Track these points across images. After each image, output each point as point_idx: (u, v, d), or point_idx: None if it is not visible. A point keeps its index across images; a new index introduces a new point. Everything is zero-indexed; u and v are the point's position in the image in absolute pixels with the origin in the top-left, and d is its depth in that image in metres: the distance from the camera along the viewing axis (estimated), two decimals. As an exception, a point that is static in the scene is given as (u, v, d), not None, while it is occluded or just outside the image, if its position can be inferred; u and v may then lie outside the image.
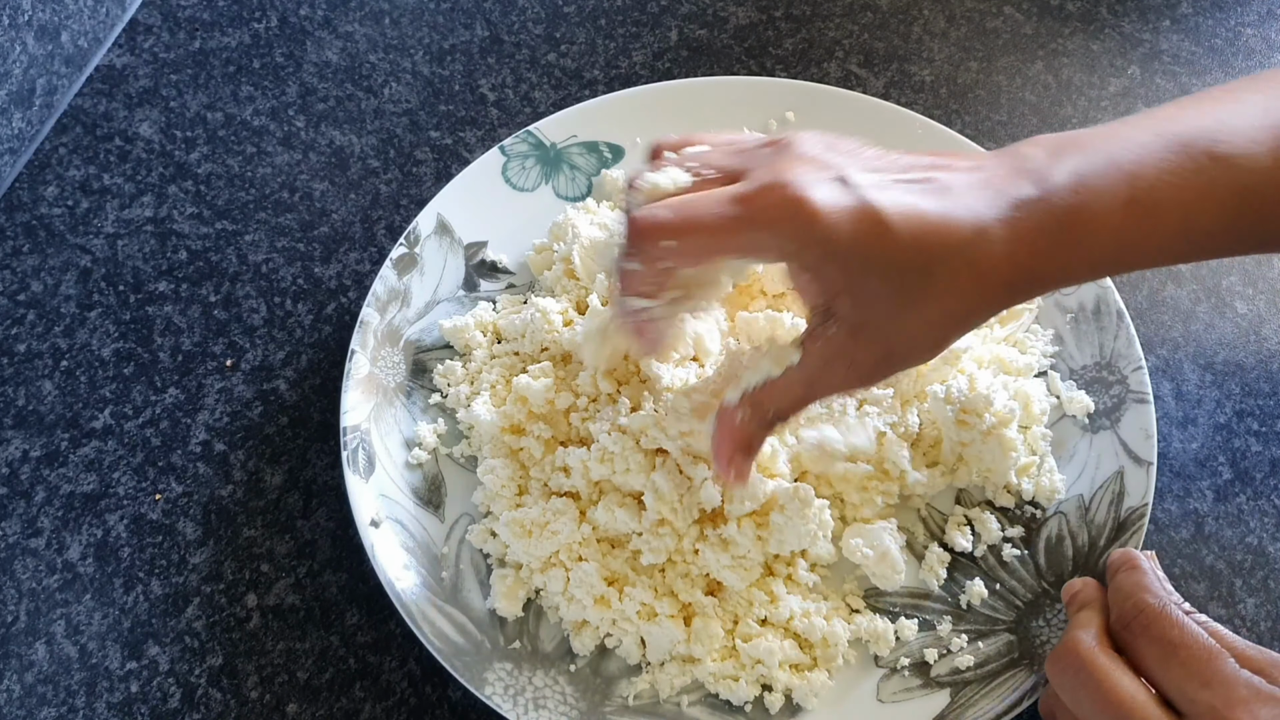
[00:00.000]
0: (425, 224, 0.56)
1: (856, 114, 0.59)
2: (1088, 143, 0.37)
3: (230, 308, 0.58)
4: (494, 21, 0.69)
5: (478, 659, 0.45)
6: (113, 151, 0.64)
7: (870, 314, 0.36)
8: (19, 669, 0.48)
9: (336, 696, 0.47)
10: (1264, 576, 0.50)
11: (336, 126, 0.65)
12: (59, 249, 0.60)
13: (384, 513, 0.48)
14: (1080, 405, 0.51)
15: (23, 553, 0.51)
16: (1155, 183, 0.36)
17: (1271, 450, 0.53)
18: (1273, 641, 0.48)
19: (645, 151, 0.43)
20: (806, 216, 0.35)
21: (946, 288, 0.35)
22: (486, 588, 0.48)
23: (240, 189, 0.62)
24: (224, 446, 0.54)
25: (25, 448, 0.54)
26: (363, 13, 0.70)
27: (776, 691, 0.44)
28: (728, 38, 0.68)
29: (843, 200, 0.35)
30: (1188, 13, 0.69)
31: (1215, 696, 0.35)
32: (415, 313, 0.55)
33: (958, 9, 0.70)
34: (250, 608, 0.49)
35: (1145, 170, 0.36)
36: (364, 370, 0.52)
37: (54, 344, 0.57)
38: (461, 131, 0.65)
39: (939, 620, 0.47)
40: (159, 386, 0.56)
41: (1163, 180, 0.36)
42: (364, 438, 0.50)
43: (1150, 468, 0.48)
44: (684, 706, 0.45)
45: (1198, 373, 0.55)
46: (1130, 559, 0.41)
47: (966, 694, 0.44)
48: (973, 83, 0.66)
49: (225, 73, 0.67)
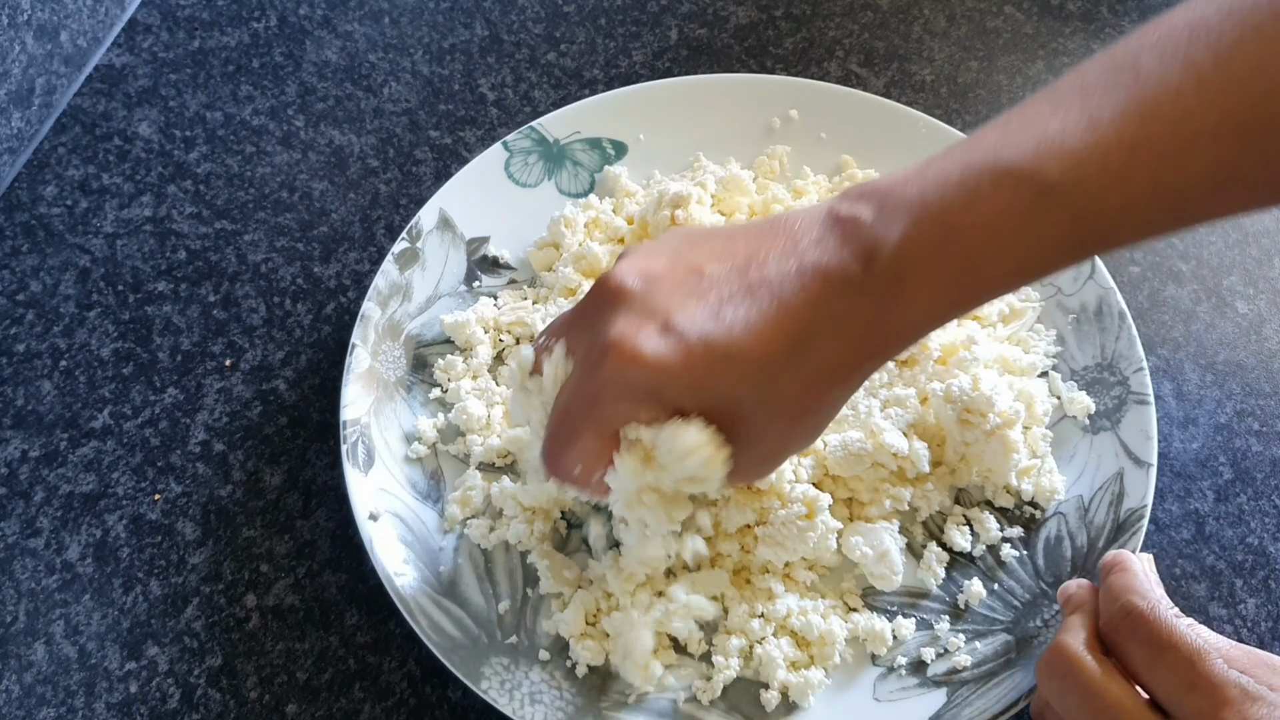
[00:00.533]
0: (427, 219, 0.56)
1: (859, 112, 0.59)
2: (904, 192, 0.35)
3: (229, 307, 0.58)
4: (494, 21, 0.69)
5: (474, 654, 0.45)
6: (112, 151, 0.64)
7: (739, 429, 0.37)
8: (18, 669, 0.48)
9: (336, 697, 0.47)
10: (1265, 577, 0.50)
11: (336, 126, 0.65)
12: (58, 249, 0.60)
13: (383, 507, 0.48)
14: (1081, 406, 0.51)
15: (22, 553, 0.51)
16: (980, 226, 0.34)
17: (1272, 450, 0.53)
18: (1273, 642, 0.48)
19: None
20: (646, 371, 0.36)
21: (790, 393, 0.36)
22: (484, 583, 0.48)
23: (239, 188, 0.62)
24: (223, 446, 0.54)
25: (24, 448, 0.54)
26: (362, 12, 0.70)
27: (773, 689, 0.44)
28: (728, 37, 0.68)
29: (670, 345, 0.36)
30: (1189, 11, 0.69)
31: (1203, 698, 0.35)
32: (416, 307, 0.55)
33: (958, 8, 0.69)
34: (249, 608, 0.49)
35: (967, 217, 0.34)
36: (365, 364, 0.52)
37: (53, 344, 0.57)
38: (461, 131, 0.65)
39: (937, 620, 0.47)
40: (158, 386, 0.56)
41: (988, 222, 0.34)
42: (364, 432, 0.50)
43: (1150, 469, 0.48)
44: (680, 703, 0.45)
45: (1198, 372, 0.55)
46: (1121, 560, 0.41)
47: (963, 694, 0.44)
48: (973, 82, 0.66)
49: (224, 72, 0.67)
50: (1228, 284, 0.58)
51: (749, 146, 0.60)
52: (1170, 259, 0.59)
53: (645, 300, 0.37)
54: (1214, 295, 0.58)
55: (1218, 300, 0.57)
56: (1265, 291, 0.58)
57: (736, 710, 0.45)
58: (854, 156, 0.59)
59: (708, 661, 0.46)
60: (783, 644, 0.45)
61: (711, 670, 0.45)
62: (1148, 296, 0.57)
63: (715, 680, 0.45)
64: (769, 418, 0.37)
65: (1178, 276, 0.58)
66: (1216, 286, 0.58)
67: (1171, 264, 0.59)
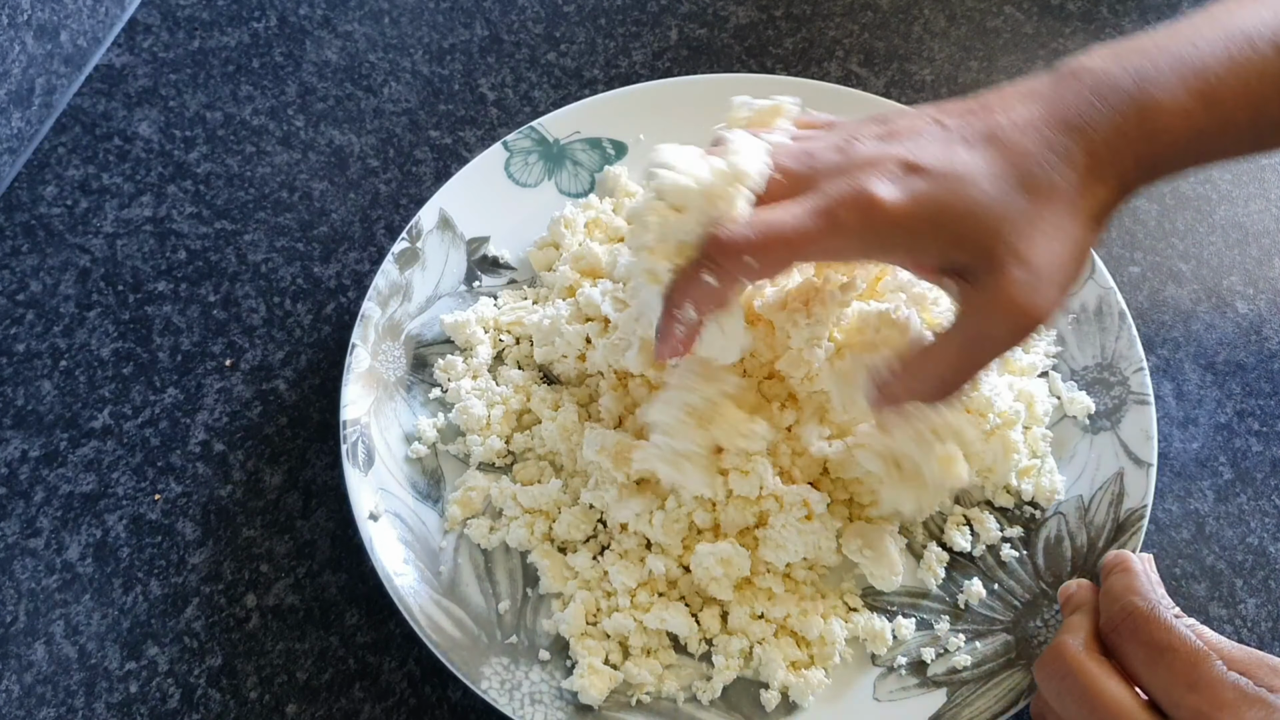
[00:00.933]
0: (427, 219, 0.56)
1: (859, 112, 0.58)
2: (1150, 46, 0.39)
3: (229, 307, 0.58)
4: (494, 21, 0.69)
5: (474, 654, 0.45)
6: (112, 151, 0.64)
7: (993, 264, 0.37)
8: (18, 669, 0.48)
9: (336, 697, 0.47)
10: (1265, 577, 0.50)
11: (336, 126, 0.65)
12: (58, 249, 0.60)
13: (383, 507, 0.48)
14: (1081, 406, 0.51)
15: (22, 553, 0.51)
16: (1224, 76, 0.38)
17: (1272, 450, 0.53)
18: (1273, 643, 0.48)
19: (711, 136, 0.44)
20: (882, 216, 0.37)
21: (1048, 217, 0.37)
22: (484, 583, 0.48)
23: (239, 188, 0.62)
24: (223, 446, 0.54)
25: (24, 448, 0.54)
26: (362, 12, 0.70)
27: (773, 689, 0.44)
28: (728, 37, 0.68)
29: (909, 190, 0.37)
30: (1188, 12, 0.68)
31: (1202, 699, 0.35)
32: (416, 307, 0.55)
33: (958, 8, 0.69)
34: (249, 608, 0.49)
35: (1212, 66, 0.38)
36: (365, 364, 0.52)
37: (53, 344, 0.57)
38: (461, 131, 0.65)
39: (937, 620, 0.47)
40: (158, 386, 0.56)
41: (1231, 74, 0.38)
42: (364, 432, 0.50)
43: (1150, 469, 0.48)
44: (680, 703, 0.45)
45: (1198, 373, 0.55)
46: (1122, 561, 0.41)
47: (963, 694, 0.44)
48: (973, 82, 0.66)
49: (224, 72, 0.67)
50: (1228, 284, 0.58)
51: (749, 146, 0.60)
52: (1170, 259, 0.59)
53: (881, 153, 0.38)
54: (1214, 295, 0.58)
55: (1218, 300, 0.57)
56: (1265, 291, 0.58)
57: (736, 710, 0.45)
58: (854, 156, 0.59)
59: (708, 661, 0.46)
60: (783, 644, 0.45)
61: (711, 670, 0.45)
62: (1148, 296, 0.57)
63: (715, 680, 0.45)
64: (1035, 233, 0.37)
65: (1178, 276, 0.58)
66: (1216, 286, 0.58)
67: (1171, 264, 0.59)
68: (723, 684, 0.45)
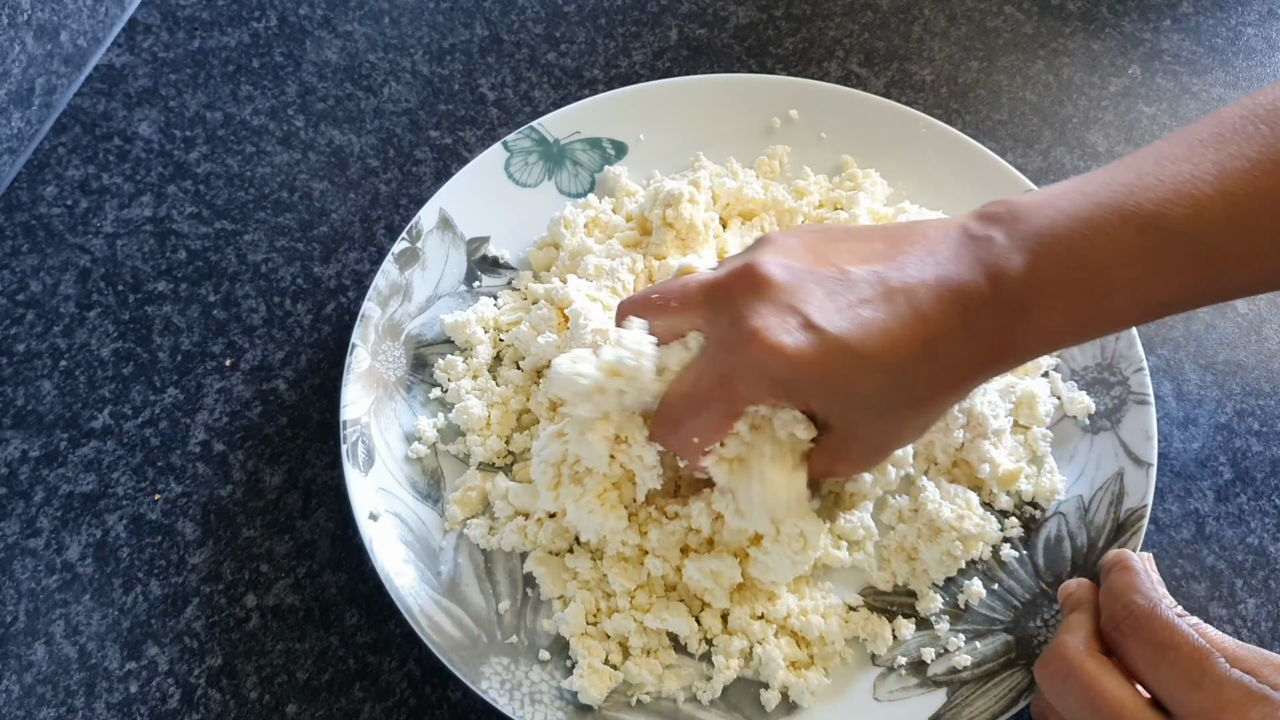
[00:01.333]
0: (427, 219, 0.56)
1: (859, 112, 0.59)
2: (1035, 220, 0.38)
3: (229, 307, 0.58)
4: (494, 21, 0.69)
5: (474, 654, 0.45)
6: (112, 151, 0.64)
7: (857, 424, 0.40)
8: (18, 669, 0.48)
9: (336, 697, 0.47)
10: (1265, 577, 0.50)
11: (336, 126, 0.65)
12: (58, 249, 0.60)
13: (383, 506, 0.48)
14: (1081, 406, 0.51)
15: (22, 553, 0.51)
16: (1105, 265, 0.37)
17: (1272, 450, 0.53)
18: (1273, 642, 0.48)
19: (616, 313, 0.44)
20: (785, 363, 0.38)
21: (914, 393, 0.39)
22: (484, 583, 0.48)
23: (239, 188, 0.62)
24: (223, 446, 0.54)
25: (24, 448, 0.54)
26: (362, 12, 0.70)
27: (773, 689, 0.44)
28: (728, 37, 0.68)
29: (810, 341, 0.38)
30: (1189, 12, 0.69)
31: (1205, 697, 0.34)
32: (416, 307, 0.55)
33: (958, 8, 0.69)
34: (249, 608, 0.49)
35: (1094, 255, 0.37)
36: (365, 364, 0.52)
37: (53, 344, 0.57)
38: (461, 131, 0.65)
39: (937, 620, 0.47)
40: (158, 386, 0.56)
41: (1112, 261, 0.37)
42: (364, 431, 0.50)
43: (1150, 469, 0.48)
44: (680, 703, 0.45)
45: (1199, 372, 0.55)
46: (1123, 559, 0.41)
47: (963, 694, 0.44)
48: (973, 82, 0.66)
49: (224, 72, 0.67)
50: (1228, 284, 0.58)
51: (749, 146, 0.60)
52: (1170, 259, 0.59)
53: (790, 294, 0.39)
54: (1214, 295, 0.58)
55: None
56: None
57: (736, 710, 0.45)
58: (854, 156, 0.59)
59: (708, 661, 0.46)
60: (783, 644, 0.45)
61: (711, 670, 0.45)
62: (1148, 296, 0.57)
63: (715, 680, 0.45)
64: (890, 414, 0.39)
65: (1178, 276, 0.58)
66: (1216, 286, 0.58)
67: (1171, 264, 0.59)
68: (723, 684, 0.45)
